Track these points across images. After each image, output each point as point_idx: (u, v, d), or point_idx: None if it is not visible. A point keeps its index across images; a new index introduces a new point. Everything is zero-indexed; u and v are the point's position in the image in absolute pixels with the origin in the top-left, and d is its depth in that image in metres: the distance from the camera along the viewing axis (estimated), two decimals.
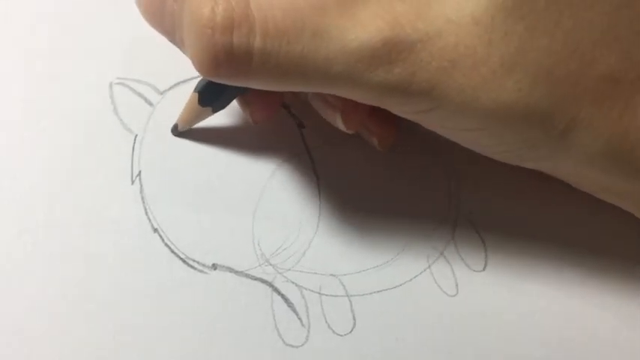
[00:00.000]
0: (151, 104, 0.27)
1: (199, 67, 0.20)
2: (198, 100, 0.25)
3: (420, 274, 0.26)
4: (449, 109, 0.20)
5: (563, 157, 0.22)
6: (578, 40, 0.20)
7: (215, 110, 0.26)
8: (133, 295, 0.24)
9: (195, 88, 0.25)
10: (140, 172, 0.26)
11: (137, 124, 0.27)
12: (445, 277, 0.26)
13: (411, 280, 0.25)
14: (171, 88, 0.28)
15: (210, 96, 0.25)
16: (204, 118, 0.26)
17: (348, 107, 0.24)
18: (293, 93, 0.27)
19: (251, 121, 0.26)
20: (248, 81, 0.21)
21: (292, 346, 0.24)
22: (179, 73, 0.28)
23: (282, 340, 0.24)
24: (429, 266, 0.26)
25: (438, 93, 0.20)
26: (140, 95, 0.27)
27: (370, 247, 0.26)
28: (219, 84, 0.24)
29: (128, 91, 0.27)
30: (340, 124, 0.24)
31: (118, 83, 0.28)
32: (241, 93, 0.25)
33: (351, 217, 0.26)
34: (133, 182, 0.26)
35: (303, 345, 0.24)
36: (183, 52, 0.22)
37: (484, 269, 0.26)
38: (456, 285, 0.25)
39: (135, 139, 0.27)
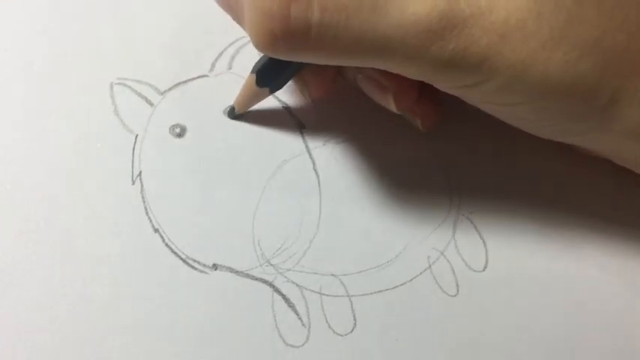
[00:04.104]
0: (151, 104, 0.27)
1: (256, 41, 0.20)
2: (256, 81, 0.25)
3: (421, 274, 0.26)
4: (498, 83, 0.20)
5: (607, 130, 0.22)
6: (626, 12, 0.20)
7: (272, 91, 0.25)
8: (133, 295, 0.24)
9: (252, 69, 0.25)
10: (141, 172, 0.26)
11: (138, 125, 0.27)
12: (445, 277, 0.26)
13: (411, 280, 0.25)
14: (171, 88, 0.28)
15: (267, 76, 0.25)
16: (261, 99, 0.26)
17: (401, 89, 0.24)
18: (343, 72, 0.26)
19: (309, 99, 0.26)
20: (305, 55, 0.21)
21: (293, 346, 0.24)
22: (179, 74, 0.28)
23: (283, 340, 0.24)
24: (429, 266, 0.26)
25: (487, 67, 0.20)
26: (140, 95, 0.27)
27: (370, 247, 0.26)
28: (277, 63, 0.23)
29: (129, 92, 0.27)
30: (392, 105, 0.24)
31: (118, 83, 0.28)
32: (298, 72, 0.25)
33: (351, 217, 0.26)
34: (133, 182, 0.26)
35: (303, 345, 0.24)
36: (245, 30, 0.22)
37: (484, 269, 0.26)
38: (456, 285, 0.26)
39: (135, 140, 0.27)
